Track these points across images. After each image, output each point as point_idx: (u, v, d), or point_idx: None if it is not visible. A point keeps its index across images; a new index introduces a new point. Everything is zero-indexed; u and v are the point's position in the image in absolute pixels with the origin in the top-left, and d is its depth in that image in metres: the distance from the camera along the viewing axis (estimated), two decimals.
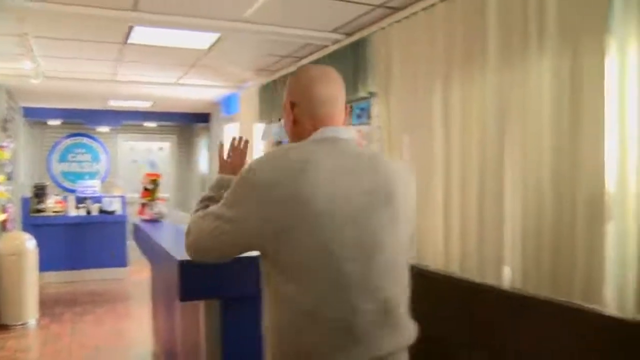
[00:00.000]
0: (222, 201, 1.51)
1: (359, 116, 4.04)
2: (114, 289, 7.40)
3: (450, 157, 3.00)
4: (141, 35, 4.25)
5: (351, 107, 4.06)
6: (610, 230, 2.18)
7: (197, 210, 1.66)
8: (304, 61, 4.92)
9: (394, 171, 1.52)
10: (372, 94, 3.82)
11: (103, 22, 3.75)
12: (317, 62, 4.66)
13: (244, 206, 1.42)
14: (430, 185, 3.13)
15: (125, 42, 4.48)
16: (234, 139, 2.02)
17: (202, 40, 4.46)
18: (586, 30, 2.21)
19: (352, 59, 4.00)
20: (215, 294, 2.62)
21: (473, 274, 2.81)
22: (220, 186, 1.77)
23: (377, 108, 3.75)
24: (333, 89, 1.59)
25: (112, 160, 10.47)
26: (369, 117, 3.90)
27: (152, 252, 3.61)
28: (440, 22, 3.03)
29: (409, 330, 1.52)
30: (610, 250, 2.17)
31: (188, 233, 1.59)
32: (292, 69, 5.20)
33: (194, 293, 2.57)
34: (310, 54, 4.77)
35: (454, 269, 2.99)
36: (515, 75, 2.56)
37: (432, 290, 2.79)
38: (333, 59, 4.32)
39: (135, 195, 9.58)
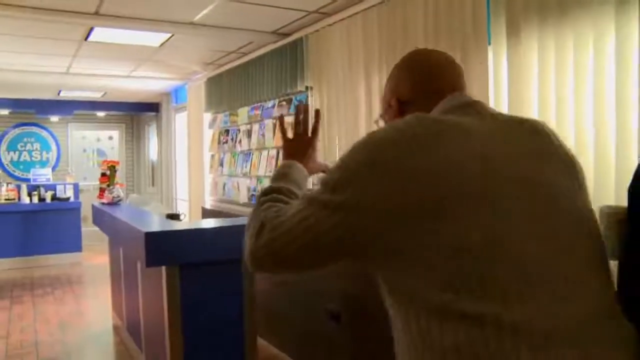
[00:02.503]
0: (315, 187, 1.08)
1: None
2: (71, 273, 7.63)
3: None
4: (100, 34, 4.62)
5: (291, 99, 4.60)
6: None
7: (262, 204, 1.16)
8: (249, 57, 5.38)
9: (556, 134, 1.15)
10: (308, 88, 4.36)
11: (65, 24, 4.12)
12: (260, 58, 5.14)
13: (359, 186, 0.99)
14: None
15: (84, 40, 4.85)
16: (298, 107, 1.47)
17: (154, 38, 4.86)
18: (472, 41, 2.81)
19: (291, 57, 4.52)
20: (176, 261, 3.05)
21: None
22: (283, 175, 1.30)
23: (313, 99, 4.30)
24: (456, 78, 1.23)
25: (63, 149, 10.62)
26: None
27: (115, 229, 4.02)
28: (359, 29, 3.61)
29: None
30: None
31: (257, 231, 1.08)
32: (237, 63, 5.65)
33: (157, 260, 3.00)
34: (255, 50, 5.24)
35: None
36: None
37: None
38: (273, 56, 4.82)
39: (87, 183, 9.86)
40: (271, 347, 4.65)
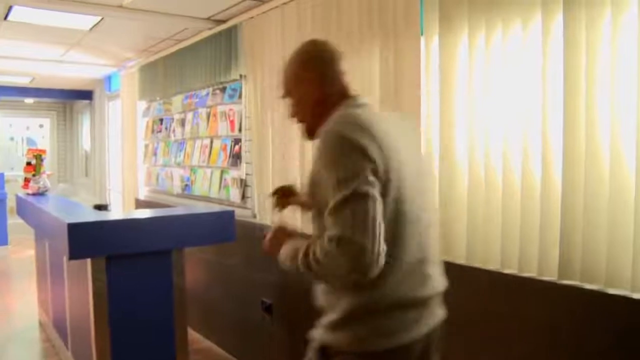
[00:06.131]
0: (334, 188, 1.40)
1: (230, 96, 4.48)
2: None
3: None
4: (21, 13, 4.36)
5: (225, 87, 4.52)
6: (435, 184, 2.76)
7: (313, 261, 1.43)
8: (184, 44, 5.25)
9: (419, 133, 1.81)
10: (242, 76, 4.27)
11: None
12: (194, 45, 5.02)
13: (365, 166, 1.39)
14: (288, 150, 3.69)
15: (4, 19, 4.58)
16: (263, 231, 1.87)
17: (83, 21, 4.65)
18: (405, 31, 2.82)
19: (225, 44, 4.42)
20: (101, 252, 2.96)
21: None
22: (292, 257, 1.55)
23: (246, 88, 4.23)
24: (345, 72, 1.70)
25: None
26: (239, 96, 4.35)
27: (40, 221, 3.85)
28: (294, 17, 3.55)
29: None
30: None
31: (352, 263, 1.35)
32: (172, 50, 5.50)
33: (82, 251, 2.89)
34: (189, 37, 5.11)
35: None
36: (354, 59, 3.12)
37: None
38: (208, 43, 4.71)
39: (14, 173, 9.44)
40: (204, 340, 4.59)
